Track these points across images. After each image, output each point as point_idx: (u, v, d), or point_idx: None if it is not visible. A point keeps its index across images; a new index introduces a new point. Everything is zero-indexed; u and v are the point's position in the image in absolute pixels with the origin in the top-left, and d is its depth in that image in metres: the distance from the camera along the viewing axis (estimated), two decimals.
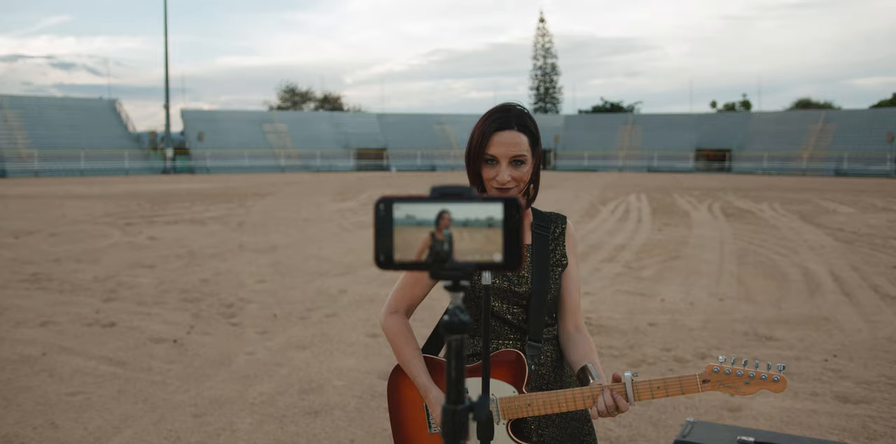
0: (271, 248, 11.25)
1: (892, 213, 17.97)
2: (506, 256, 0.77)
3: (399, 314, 1.96)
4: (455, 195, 0.77)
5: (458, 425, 0.79)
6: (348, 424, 4.02)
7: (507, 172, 1.78)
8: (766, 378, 1.62)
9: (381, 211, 0.79)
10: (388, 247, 0.78)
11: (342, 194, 24.89)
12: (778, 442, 2.29)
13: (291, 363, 5.16)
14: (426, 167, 55.96)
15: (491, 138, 1.78)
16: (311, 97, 77.84)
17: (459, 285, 0.78)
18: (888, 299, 7.42)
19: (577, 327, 1.95)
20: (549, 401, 1.71)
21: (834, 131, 52.23)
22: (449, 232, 0.77)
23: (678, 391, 1.67)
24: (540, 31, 74.52)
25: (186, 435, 3.84)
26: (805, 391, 4.59)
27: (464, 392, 0.81)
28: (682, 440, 2.37)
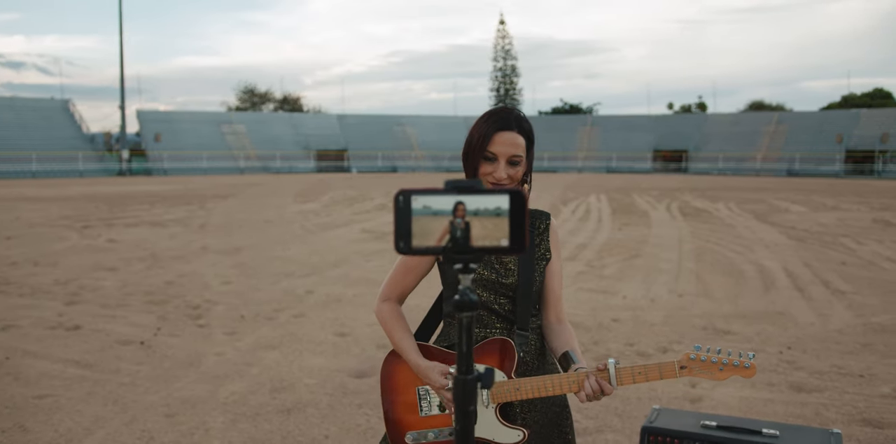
0: (235, 249, 11.19)
1: (842, 212, 18.57)
2: (512, 241, 0.86)
3: (391, 301, 2.06)
4: (466, 188, 0.86)
5: (468, 393, 0.88)
6: (321, 421, 4.07)
7: (504, 171, 1.91)
8: (739, 365, 1.76)
9: (400, 202, 0.87)
10: (407, 234, 0.86)
11: (304, 196, 24.77)
12: (739, 425, 2.43)
13: (261, 363, 5.18)
14: (387, 169, 55.92)
15: (493, 137, 1.91)
16: (271, 98, 77.16)
17: (469, 267, 0.87)
18: (838, 294, 7.71)
19: (559, 318, 2.06)
20: (538, 386, 1.82)
21: (786, 133, 53.62)
22: (462, 220, 0.86)
23: (657, 376, 1.79)
24: (500, 33, 74.95)
25: (160, 435, 3.85)
26: (762, 381, 4.78)
27: (472, 365, 0.90)
28: (648, 426, 2.49)
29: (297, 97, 78.49)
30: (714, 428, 2.43)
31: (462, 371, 0.87)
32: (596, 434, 3.88)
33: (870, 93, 65.33)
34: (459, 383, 0.88)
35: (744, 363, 1.77)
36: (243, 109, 73.00)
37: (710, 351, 1.79)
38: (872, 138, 49.48)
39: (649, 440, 2.46)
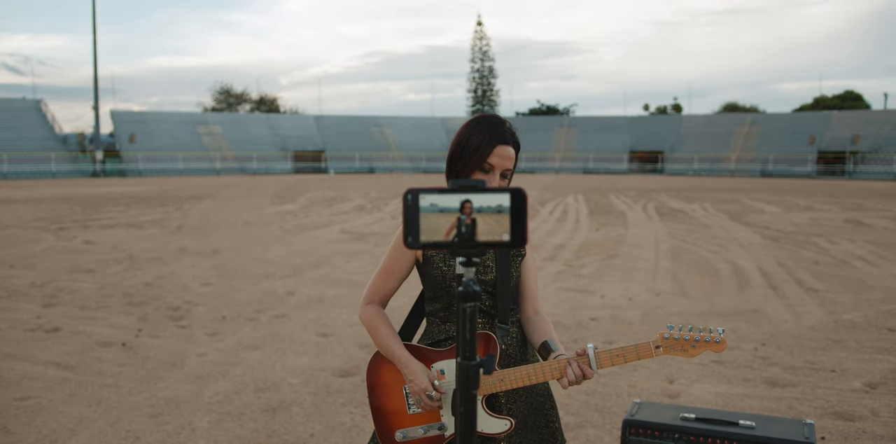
0: (213, 251, 11.15)
1: (814, 212, 18.89)
2: (513, 236, 0.92)
3: (374, 304, 2.12)
4: (471, 188, 0.92)
5: (472, 378, 0.94)
6: (306, 419, 4.11)
7: (497, 182, 1.99)
8: (710, 340, 1.84)
9: (408, 200, 0.93)
10: (416, 230, 0.92)
11: (281, 197, 24.68)
12: (716, 417, 2.51)
13: (244, 363, 5.20)
14: (365, 169, 55.81)
15: (495, 149, 1.96)
16: (247, 99, 76.69)
17: (472, 261, 0.93)
18: (811, 292, 7.88)
19: (536, 310, 2.14)
20: (521, 375, 1.88)
21: (760, 134, 54.34)
22: (467, 217, 0.92)
23: (635, 357, 1.87)
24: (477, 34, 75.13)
25: (145, 435, 3.86)
26: (737, 376, 4.90)
27: (475, 351, 0.96)
28: (630, 419, 2.56)
29: (273, 98, 78.13)
30: (693, 420, 2.51)
31: (465, 357, 0.93)
32: (577, 430, 3.95)
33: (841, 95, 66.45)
34: (463, 368, 0.94)
35: (714, 339, 1.84)
36: (219, 110, 72.48)
37: (682, 329, 1.86)
38: (843, 140, 50.31)
39: (630, 433, 2.53)
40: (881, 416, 4.16)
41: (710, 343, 1.85)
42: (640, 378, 4.88)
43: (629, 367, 5.12)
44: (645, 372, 5.01)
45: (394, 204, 21.34)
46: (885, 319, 6.64)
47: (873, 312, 6.93)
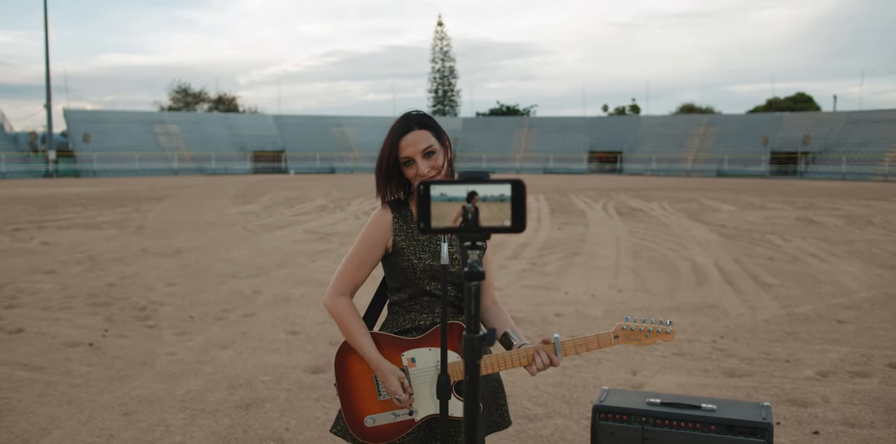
0: (176, 251, 11.06)
1: (768, 210, 19.43)
2: (513, 221, 1.03)
3: (345, 296, 2.17)
4: (476, 179, 1.03)
5: (476, 349, 1.05)
6: (281, 414, 4.16)
7: (425, 165, 2.08)
8: (661, 331, 2.05)
9: (421, 191, 1.04)
10: (428, 217, 1.03)
11: (242, 197, 24.49)
12: (680, 401, 2.65)
13: (215, 362, 5.22)
14: (325, 170, 55.53)
15: (400, 143, 2.07)
16: (205, 98, 75.70)
17: (476, 245, 1.04)
18: (766, 287, 8.17)
19: (494, 301, 2.28)
20: (492, 362, 2.01)
21: (715, 135, 55.50)
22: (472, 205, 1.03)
23: (596, 345, 2.03)
24: (438, 35, 75.36)
25: (119, 433, 3.88)
26: (697, 368, 5.09)
27: (479, 325, 1.07)
28: (599, 405, 2.69)
29: (232, 97, 77.28)
30: (658, 405, 2.65)
31: (470, 330, 1.04)
32: (546, 420, 4.08)
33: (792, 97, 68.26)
34: (468, 340, 1.05)
35: (665, 329, 2.05)
36: (177, 109, 71.42)
37: (636, 321, 2.06)
38: (795, 140, 51.68)
39: (600, 418, 2.66)
40: (832, 402, 4.38)
41: (661, 333, 2.05)
42: (604, 371, 5.04)
43: (594, 360, 5.27)
44: (609, 365, 5.17)
45: (356, 204, 21.34)
46: (834, 312, 6.93)
47: (824, 305, 7.22)
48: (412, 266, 2.11)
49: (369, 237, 2.15)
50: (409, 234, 2.14)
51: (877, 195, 26.95)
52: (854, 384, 4.72)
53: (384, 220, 2.15)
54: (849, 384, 4.72)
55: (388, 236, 2.14)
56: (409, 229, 2.14)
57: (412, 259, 2.11)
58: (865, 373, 4.97)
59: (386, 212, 2.16)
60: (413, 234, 2.14)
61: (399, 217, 2.15)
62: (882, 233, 13.80)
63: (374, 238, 2.14)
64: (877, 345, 5.70)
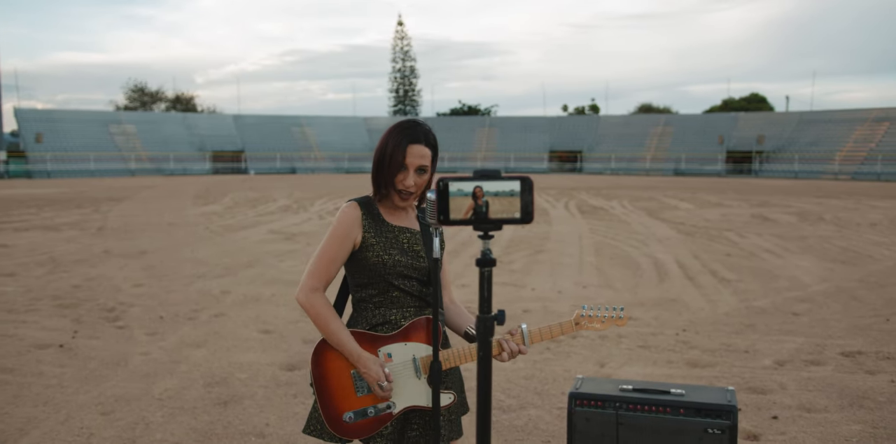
0: (140, 252, 10.97)
1: (725, 208, 19.94)
2: (522, 213, 1.15)
3: (319, 292, 2.20)
4: (489, 175, 1.15)
5: (489, 327, 1.17)
6: (260, 411, 4.23)
7: (413, 179, 2.17)
8: (614, 317, 2.28)
9: (441, 186, 1.15)
10: (446, 210, 1.14)
11: (203, 198, 24.25)
12: (651, 387, 2.81)
13: (189, 361, 5.25)
14: (286, 170, 55.14)
15: (406, 149, 2.16)
16: (162, 97, 74.48)
17: (488, 234, 1.16)
18: (724, 282, 8.45)
19: (452, 299, 2.40)
20: (462, 354, 2.15)
21: (672, 134, 56.53)
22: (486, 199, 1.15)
23: (559, 332, 2.21)
24: (398, 34, 75.31)
25: (99, 431, 3.91)
26: (662, 359, 5.28)
27: (490, 307, 1.19)
28: (575, 392, 2.82)
29: (190, 97, 76.16)
30: (631, 391, 2.79)
31: (483, 311, 1.17)
32: (519, 411, 4.22)
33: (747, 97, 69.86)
34: (481, 321, 1.17)
35: (618, 315, 2.28)
36: (133, 109, 70.18)
37: (593, 308, 2.28)
38: (750, 140, 52.94)
39: (576, 404, 2.79)
40: (789, 389, 4.60)
41: (614, 319, 2.28)
42: (573, 363, 5.20)
43: (563, 354, 5.43)
44: (578, 357, 5.34)
45: (319, 204, 21.31)
46: (790, 305, 7.21)
47: (780, 299, 7.51)
48: (382, 262, 2.17)
49: (339, 233, 2.20)
50: (378, 231, 2.21)
51: (827, 193, 27.81)
52: (809, 372, 4.96)
53: (353, 216, 2.21)
54: (804, 372, 4.96)
55: (356, 233, 2.20)
56: (378, 226, 2.21)
57: (382, 255, 2.18)
58: (819, 362, 5.22)
59: (354, 209, 2.22)
60: (381, 231, 2.21)
61: (367, 214, 2.22)
62: (833, 229, 14.29)
63: (344, 234, 2.19)
64: (829, 335, 5.97)
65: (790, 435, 3.85)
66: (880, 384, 4.70)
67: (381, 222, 2.23)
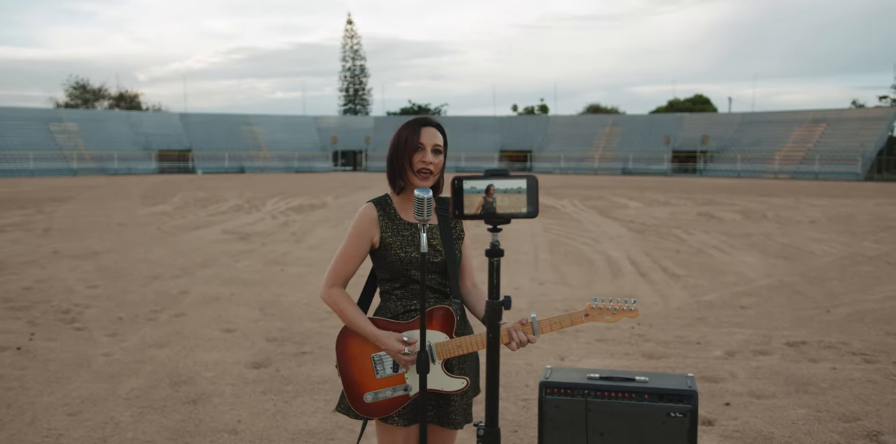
0: (91, 253, 10.77)
1: (672, 206, 20.48)
2: (528, 208, 1.27)
3: (337, 287, 2.41)
4: (499, 174, 1.27)
5: (496, 313, 1.29)
6: (230, 408, 4.27)
7: (431, 156, 2.33)
8: (626, 309, 2.29)
9: (455, 184, 1.26)
10: (461, 206, 1.26)
11: (152, 198, 23.81)
12: (617, 375, 2.96)
13: (154, 361, 5.24)
14: (235, 169, 54.37)
15: (420, 131, 2.35)
16: (105, 95, 72.56)
17: (497, 228, 1.27)
18: (675, 278, 8.74)
19: (475, 284, 2.53)
20: (475, 341, 2.25)
21: (620, 134, 57.59)
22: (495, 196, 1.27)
23: (569, 323, 2.28)
24: (348, 33, 74.93)
25: (69, 432, 3.90)
26: (619, 352, 5.49)
27: (499, 293, 1.30)
28: (545, 381, 2.96)
29: (134, 94, 74.37)
30: (598, 379, 2.94)
31: (492, 297, 1.28)
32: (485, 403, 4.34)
33: (692, 98, 71.50)
34: (490, 305, 1.29)
35: (629, 307, 2.30)
36: (74, 106, 68.22)
37: (604, 301, 2.31)
38: (694, 140, 54.29)
39: (547, 392, 2.93)
40: (739, 377, 4.84)
41: (626, 311, 2.30)
42: (534, 357, 5.36)
43: (524, 348, 5.57)
44: (539, 352, 5.50)
45: (272, 204, 21.15)
46: (737, 298, 7.53)
47: (727, 293, 7.82)
48: (400, 260, 2.34)
49: (356, 233, 2.37)
50: (395, 230, 2.36)
51: (769, 192, 28.76)
52: (757, 361, 5.22)
53: (370, 217, 2.37)
54: (753, 362, 5.22)
55: (374, 232, 2.36)
56: (394, 225, 2.37)
57: (399, 253, 2.33)
58: (766, 351, 5.49)
59: (371, 209, 2.38)
60: (398, 230, 2.36)
61: (384, 214, 2.38)
62: (775, 226, 14.85)
63: (361, 234, 2.36)
64: (775, 327, 6.27)
65: (742, 420, 4.07)
66: (823, 372, 4.98)
67: (398, 220, 2.37)
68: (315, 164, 57.69)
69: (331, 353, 5.46)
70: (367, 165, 59.32)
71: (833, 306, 7.16)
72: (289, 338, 5.90)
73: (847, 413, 4.18)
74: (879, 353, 5.46)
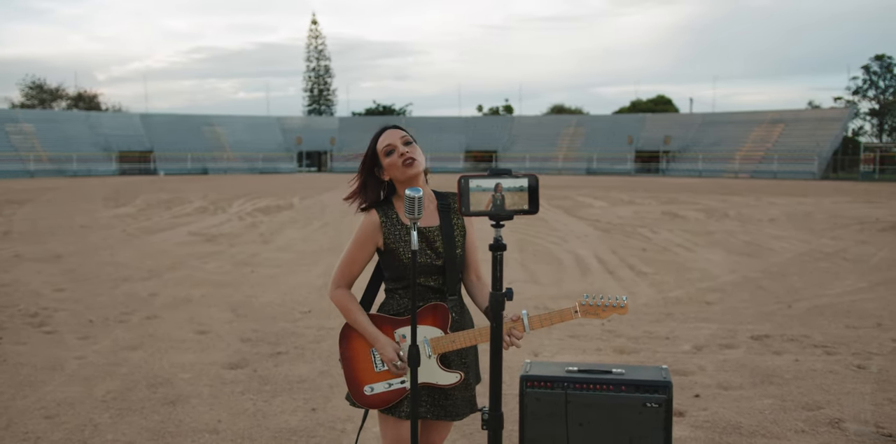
0: (55, 257, 10.61)
1: (636, 206, 20.81)
2: (530, 205, 1.35)
3: (343, 288, 2.52)
4: (502, 173, 1.35)
5: (500, 303, 1.37)
6: (210, 409, 4.28)
7: (404, 148, 2.43)
8: (616, 305, 2.34)
9: (462, 184, 1.34)
10: (468, 203, 1.33)
11: (114, 200, 23.45)
12: (595, 368, 3.06)
13: (128, 363, 5.22)
14: (198, 170, 53.68)
15: (381, 137, 2.48)
16: (63, 95, 71.02)
17: (500, 224, 1.35)
18: (642, 275, 8.93)
19: (479, 276, 2.62)
20: (468, 337, 2.33)
21: (584, 134, 58.20)
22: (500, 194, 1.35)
23: (559, 319, 2.35)
24: (313, 33, 74.50)
25: (47, 434, 3.88)
26: (591, 347, 5.61)
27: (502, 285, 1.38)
28: (525, 375, 3.05)
29: (93, 94, 72.86)
30: (576, 372, 3.04)
31: (495, 289, 1.36)
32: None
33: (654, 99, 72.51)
34: (493, 296, 1.37)
35: (620, 304, 2.35)
36: (31, 107, 66.67)
37: (594, 298, 2.36)
38: (657, 140, 55.13)
39: (527, 386, 3.02)
40: (707, 370, 5.00)
41: (616, 308, 2.34)
42: (508, 354, 5.42)
43: None
44: (512, 349, 5.58)
45: (238, 205, 20.99)
46: (702, 295, 7.72)
47: (693, 289, 8.02)
48: (404, 265, 2.45)
49: (359, 239, 2.49)
50: (398, 236, 2.45)
51: (730, 191, 29.37)
52: (724, 355, 5.39)
53: (373, 222, 2.47)
54: (720, 355, 5.38)
55: (377, 237, 2.47)
56: (396, 231, 2.46)
57: (402, 259, 2.44)
58: (732, 345, 5.66)
59: (373, 214, 2.48)
60: (400, 235, 2.45)
61: (386, 220, 2.47)
62: (736, 224, 15.20)
63: (366, 240, 2.48)
64: (740, 321, 6.47)
65: (711, 411, 4.21)
66: (786, 363, 5.16)
67: (400, 224, 2.46)
68: (279, 165, 57.25)
69: (307, 353, 5.50)
70: (333, 166, 59.04)
71: (794, 300, 7.39)
72: (263, 339, 5.91)
73: (810, 402, 4.34)
74: (839, 345, 5.67)
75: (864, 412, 4.18)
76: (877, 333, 6.07)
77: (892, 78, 62.45)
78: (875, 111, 62.76)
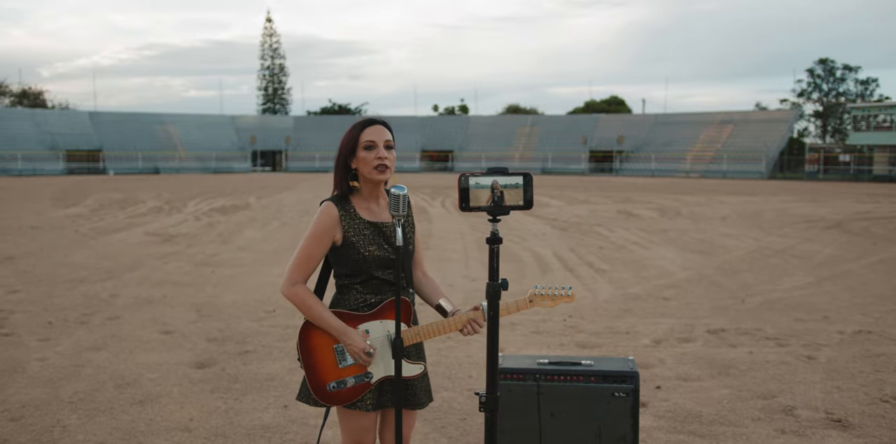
0: (7, 258, 10.36)
1: (592, 205, 21.16)
2: (525, 201, 1.44)
3: (300, 284, 2.47)
4: (500, 171, 1.43)
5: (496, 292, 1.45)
6: (180, 407, 4.28)
7: (385, 152, 2.42)
8: (563, 295, 2.44)
9: (462, 180, 1.42)
10: (467, 199, 1.42)
11: (63, 200, 22.90)
12: (564, 360, 3.18)
13: (93, 364, 5.17)
14: (149, 170, 52.69)
15: (365, 130, 2.44)
16: (6, 92, 68.91)
17: (497, 218, 1.44)
18: (601, 272, 9.13)
19: (425, 273, 2.65)
20: (432, 329, 2.41)
21: (539, 134, 58.83)
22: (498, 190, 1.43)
23: (515, 309, 2.42)
24: (267, 31, 73.69)
25: (13, 437, 3.84)
26: (554, 342, 5.75)
27: (498, 276, 1.47)
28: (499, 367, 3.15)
29: (39, 91, 70.85)
30: (547, 364, 3.16)
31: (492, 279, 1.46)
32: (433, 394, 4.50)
33: (607, 99, 73.62)
34: (490, 286, 1.46)
35: (566, 293, 2.46)
36: None
37: (545, 288, 2.45)
38: (610, 140, 56.03)
39: (500, 378, 3.12)
40: (667, 363, 5.17)
41: (563, 297, 2.46)
42: (474, 350, 5.55)
43: (464, 341, 5.77)
44: (478, 345, 5.69)
45: (193, 205, 20.71)
46: (659, 291, 7.95)
47: (650, 286, 8.24)
48: (363, 258, 2.42)
49: (318, 232, 2.43)
50: (357, 229, 2.44)
51: (682, 190, 30.04)
52: (682, 348, 5.58)
53: (331, 215, 2.43)
54: (678, 348, 5.57)
55: (336, 231, 2.43)
56: (356, 224, 2.44)
57: (363, 252, 2.42)
58: (690, 339, 5.86)
59: (332, 208, 2.44)
60: (360, 228, 2.44)
61: (345, 214, 2.44)
62: (689, 223, 15.60)
63: (324, 233, 2.43)
64: (696, 316, 6.69)
65: (672, 401, 4.38)
66: (741, 356, 5.37)
67: (359, 219, 2.45)
68: (233, 164, 56.52)
69: (274, 351, 5.52)
70: (288, 166, 58.52)
71: (747, 296, 7.66)
72: (230, 338, 5.91)
73: (765, 392, 4.54)
74: (790, 337, 5.92)
75: (814, 400, 4.39)
76: (824, 325, 6.35)
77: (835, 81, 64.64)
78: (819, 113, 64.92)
